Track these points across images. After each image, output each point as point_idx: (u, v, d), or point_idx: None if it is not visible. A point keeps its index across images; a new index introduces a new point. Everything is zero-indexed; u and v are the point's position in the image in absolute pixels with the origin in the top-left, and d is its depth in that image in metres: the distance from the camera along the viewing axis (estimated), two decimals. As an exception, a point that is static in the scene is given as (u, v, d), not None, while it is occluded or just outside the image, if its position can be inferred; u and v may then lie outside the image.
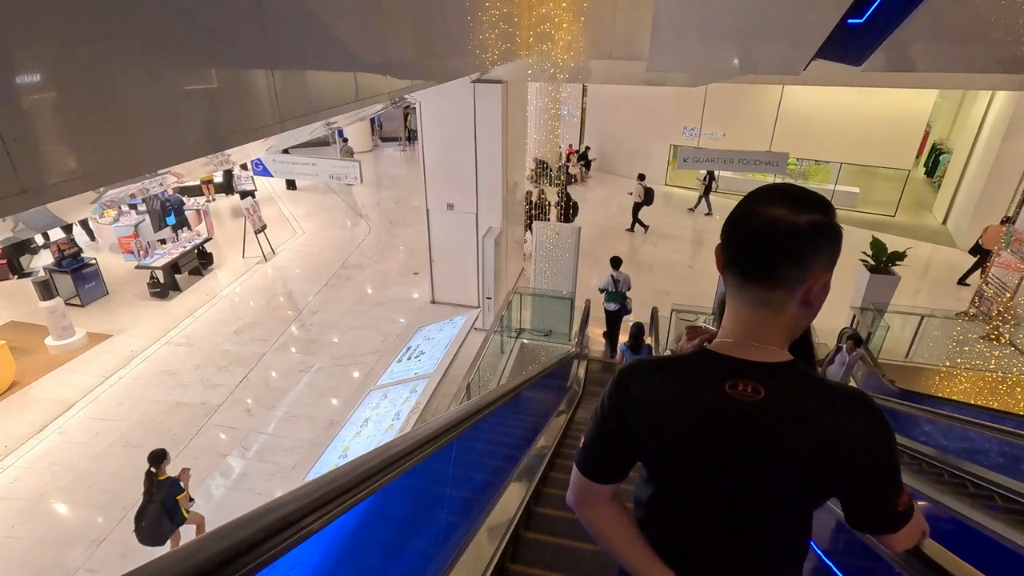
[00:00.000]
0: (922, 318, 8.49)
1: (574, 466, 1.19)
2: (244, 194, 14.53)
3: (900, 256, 8.48)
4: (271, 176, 8.12)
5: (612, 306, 8.78)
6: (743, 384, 1.00)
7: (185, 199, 13.06)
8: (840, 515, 1.09)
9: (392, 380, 7.06)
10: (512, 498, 3.42)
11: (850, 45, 4.85)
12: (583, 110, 20.80)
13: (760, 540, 1.09)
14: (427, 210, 9.64)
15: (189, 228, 11.58)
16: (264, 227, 12.15)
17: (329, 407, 7.68)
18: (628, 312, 8.93)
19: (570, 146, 18.78)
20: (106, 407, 7.58)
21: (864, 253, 8.88)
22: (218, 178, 15.73)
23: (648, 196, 13.66)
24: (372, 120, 23.59)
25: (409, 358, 7.57)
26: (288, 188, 17.05)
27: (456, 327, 7.82)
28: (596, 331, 9.82)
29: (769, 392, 0.99)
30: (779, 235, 0.97)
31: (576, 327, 9.05)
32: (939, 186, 16.92)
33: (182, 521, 4.95)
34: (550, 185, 15.02)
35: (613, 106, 19.00)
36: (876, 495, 1.03)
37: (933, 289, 11.25)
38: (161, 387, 8.00)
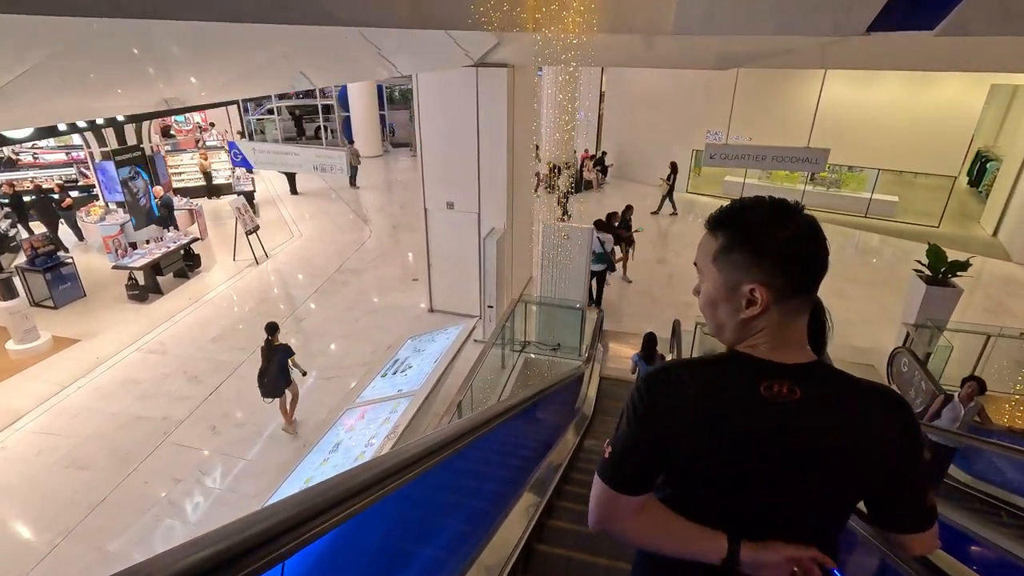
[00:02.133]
0: (988, 337, 7.34)
1: (597, 481, 1.12)
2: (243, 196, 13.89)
3: (963, 266, 7.36)
4: (251, 168, 7.37)
5: (599, 267, 9.16)
6: (778, 385, 1.00)
7: (178, 199, 12.43)
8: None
9: (372, 398, 6.15)
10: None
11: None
12: (600, 116, 19.96)
13: (799, 539, 1.04)
14: (425, 209, 8.79)
15: (175, 228, 10.85)
16: (256, 228, 11.42)
17: (305, 425, 6.80)
18: (613, 270, 9.60)
19: (585, 150, 17.89)
20: (57, 420, 6.79)
21: (919, 262, 7.78)
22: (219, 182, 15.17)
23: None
24: (383, 125, 23.04)
25: (395, 372, 6.66)
26: (292, 193, 16.43)
27: (449, 338, 6.92)
28: (611, 345, 8.83)
29: (805, 392, 0.99)
30: (820, 239, 1.02)
31: (588, 341, 8.08)
32: (986, 195, 15.65)
33: (289, 381, 6.58)
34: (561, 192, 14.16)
35: (632, 110, 18.12)
36: (909, 490, 1.04)
37: (989, 305, 10.04)
38: (122, 399, 7.19)
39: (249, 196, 14.13)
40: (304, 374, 6.87)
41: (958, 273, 7.46)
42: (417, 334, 7.55)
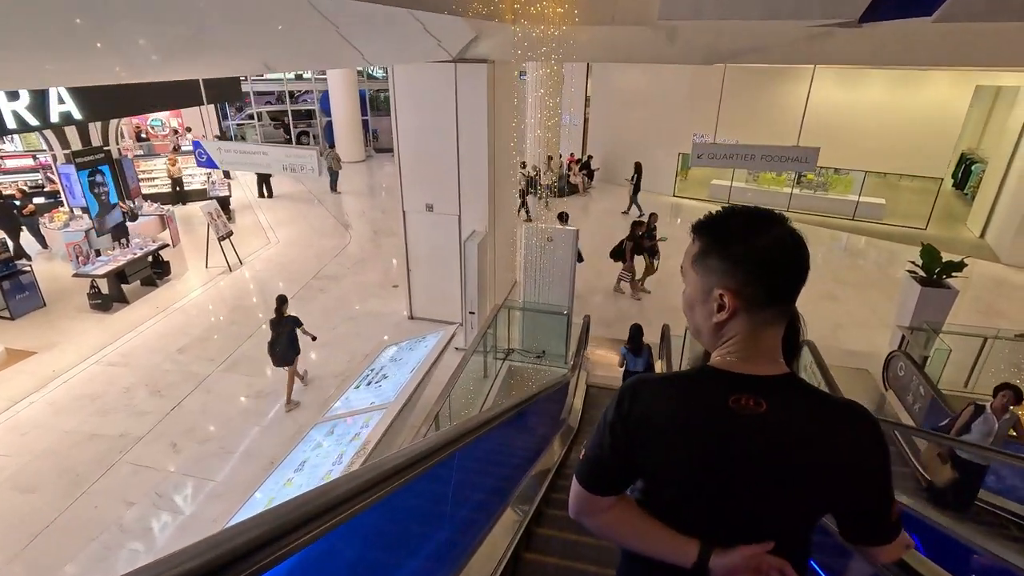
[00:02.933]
0: (985, 340, 7.13)
1: (574, 478, 1.16)
2: (216, 201, 13.43)
3: (958, 266, 7.15)
4: (216, 167, 6.97)
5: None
6: (746, 398, 1.00)
7: (148, 204, 11.95)
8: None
9: (343, 411, 5.76)
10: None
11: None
12: (585, 120, 19.77)
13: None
14: (403, 212, 8.44)
15: (127, 239, 10.23)
16: (229, 234, 10.99)
17: (273, 441, 6.37)
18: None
19: (571, 154, 17.66)
20: (5, 438, 6.30)
21: (912, 263, 7.57)
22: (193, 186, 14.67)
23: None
24: (366, 130, 22.67)
25: (369, 383, 6.27)
26: (260, 196, 16.00)
27: (427, 346, 6.55)
28: (598, 352, 8.51)
29: (771, 405, 1.00)
30: (803, 247, 1.02)
31: (574, 347, 7.75)
32: (971, 197, 15.63)
33: (299, 350, 6.94)
34: (538, 199, 13.90)
35: (618, 113, 17.94)
36: (875, 504, 1.05)
37: (981, 307, 9.88)
38: (78, 414, 6.72)
39: (224, 201, 13.67)
40: (314, 339, 7.23)
41: (953, 274, 7.25)
42: (395, 342, 7.18)
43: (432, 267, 8.68)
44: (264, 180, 16.07)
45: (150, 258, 10.06)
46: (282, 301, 6.94)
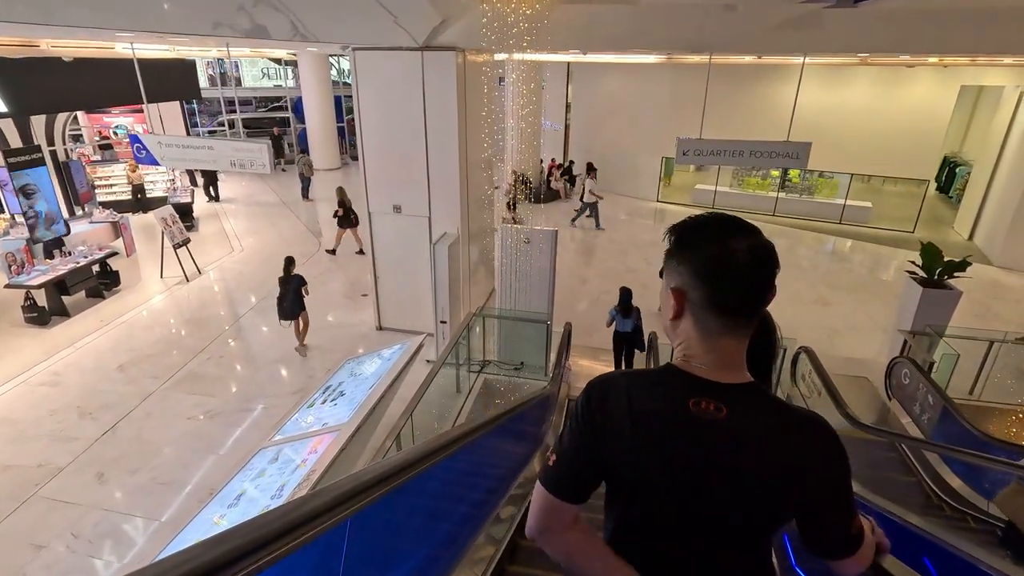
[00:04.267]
0: (991, 344, 6.67)
1: (538, 488, 1.14)
2: (177, 208, 12.66)
3: (961, 265, 6.71)
4: (156, 164, 6.30)
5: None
6: (706, 402, 1.01)
7: (98, 211, 11.16)
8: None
9: (292, 434, 5.07)
10: None
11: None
12: (567, 126, 19.36)
13: (722, 555, 1.09)
14: (368, 214, 7.80)
15: (61, 248, 9.38)
16: (186, 241, 10.24)
17: (213, 470, 5.65)
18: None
19: (552, 160, 17.19)
20: (-98, 472, 5.49)
21: (912, 263, 7.12)
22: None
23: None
24: (341, 137, 22.03)
25: (324, 401, 5.60)
26: (209, 200, 15.28)
27: (390, 359, 5.91)
28: (581, 363, 7.92)
29: (731, 411, 1.00)
30: (762, 266, 1.00)
31: (555, 358, 7.14)
32: (956, 200, 15.46)
33: (303, 306, 7.54)
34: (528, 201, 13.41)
35: (599, 119, 17.56)
36: (831, 517, 1.06)
37: (979, 311, 9.50)
38: (-7, 442, 5.93)
39: (185, 208, 12.92)
40: (306, 293, 7.68)
41: (955, 274, 6.81)
42: (356, 356, 6.51)
43: (401, 273, 8.05)
44: (211, 180, 15.33)
45: (96, 267, 9.28)
46: (289, 262, 7.60)
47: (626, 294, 6.81)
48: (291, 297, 7.54)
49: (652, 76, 15.58)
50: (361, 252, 10.19)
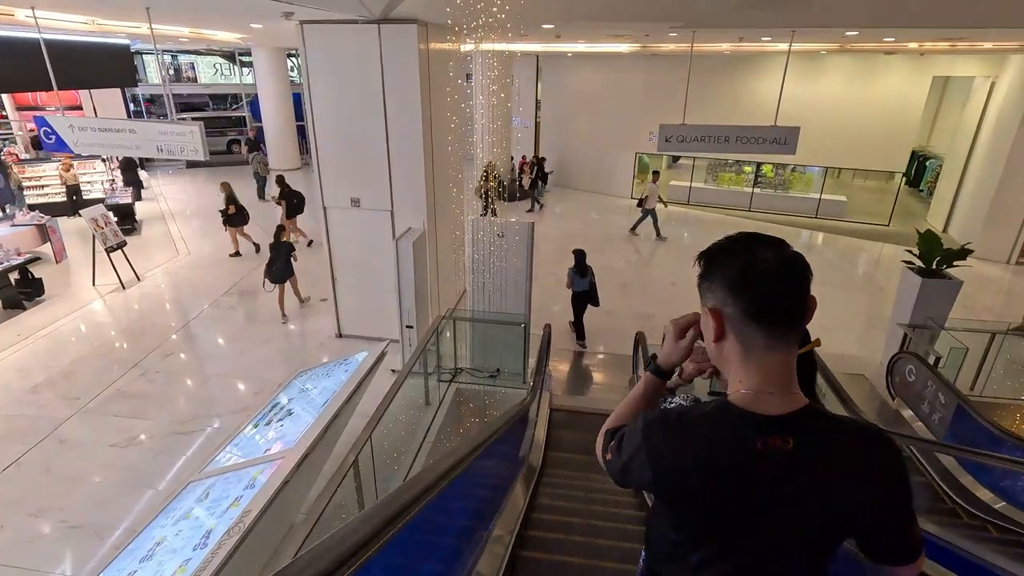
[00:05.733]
0: (992, 336, 6.31)
1: (601, 444, 1.27)
2: (117, 210, 11.58)
3: (961, 253, 6.34)
4: (68, 151, 5.43)
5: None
6: (772, 439, 1.00)
7: (21, 213, 10.02)
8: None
9: (227, 464, 4.28)
10: None
11: None
12: (537, 123, 18.82)
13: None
14: (323, 208, 7.02)
15: None
16: (121, 244, 9.23)
17: (136, 507, 4.79)
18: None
19: (524, 157, 16.59)
20: None
21: (909, 251, 6.73)
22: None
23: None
24: (301, 136, 20.99)
25: (270, 422, 4.81)
26: (130, 193, 14.11)
27: (348, 370, 5.16)
28: (561, 368, 7.29)
29: (797, 442, 1.00)
30: (797, 272, 1.01)
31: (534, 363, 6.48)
32: (927, 194, 15.48)
33: (292, 272, 8.12)
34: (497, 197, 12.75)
35: (570, 116, 17.07)
36: (896, 526, 1.06)
37: (966, 303, 9.25)
38: None
39: (126, 210, 11.83)
40: (295, 260, 8.20)
41: (955, 263, 6.43)
42: (308, 367, 5.73)
43: (362, 274, 7.28)
44: (130, 170, 14.08)
45: (16, 275, 8.22)
46: (280, 229, 8.17)
47: (581, 255, 7.29)
48: (281, 261, 7.86)
49: (625, 69, 15.16)
50: (236, 253, 9.17)
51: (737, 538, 1.06)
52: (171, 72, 25.83)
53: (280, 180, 10.81)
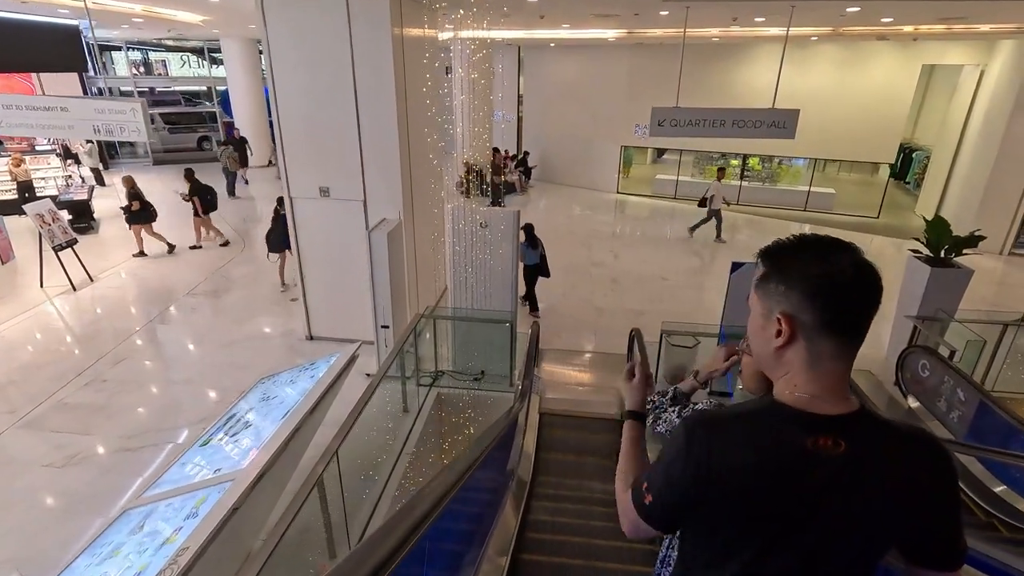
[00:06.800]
0: (1004, 327, 5.97)
1: (632, 504, 1.16)
2: (72, 206, 10.81)
3: (973, 240, 5.99)
4: (-9, 131, 4.79)
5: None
6: (824, 439, 0.98)
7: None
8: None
9: (170, 488, 3.70)
10: None
11: None
12: (519, 118, 18.33)
13: None
14: (289, 199, 6.44)
15: None
16: (72, 242, 8.52)
17: (70, 540, 4.18)
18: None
19: (506, 151, 16.08)
20: None
21: (917, 239, 6.38)
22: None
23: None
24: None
25: (224, 436, 4.24)
26: (98, 182, 13.34)
27: (315, 375, 4.60)
28: (550, 369, 6.80)
29: (850, 444, 0.98)
30: (872, 281, 0.98)
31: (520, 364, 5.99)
32: (914, 186, 15.35)
33: (289, 244, 7.07)
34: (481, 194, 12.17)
35: (553, 108, 16.61)
36: (945, 531, 1.04)
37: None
38: None
39: (81, 207, 11.05)
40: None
41: (964, 251, 6.08)
42: (273, 374, 5.15)
43: (333, 270, 6.72)
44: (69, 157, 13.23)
45: (-50, 277, 7.47)
46: (280, 202, 7.61)
47: (529, 228, 7.40)
48: (279, 231, 7.80)
49: (609, 59, 14.75)
50: (141, 253, 8.99)
51: (781, 543, 1.02)
52: (140, 70, 24.93)
53: (189, 175, 10.09)
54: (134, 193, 9.53)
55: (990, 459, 4.33)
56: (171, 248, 10.15)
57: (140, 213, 9.58)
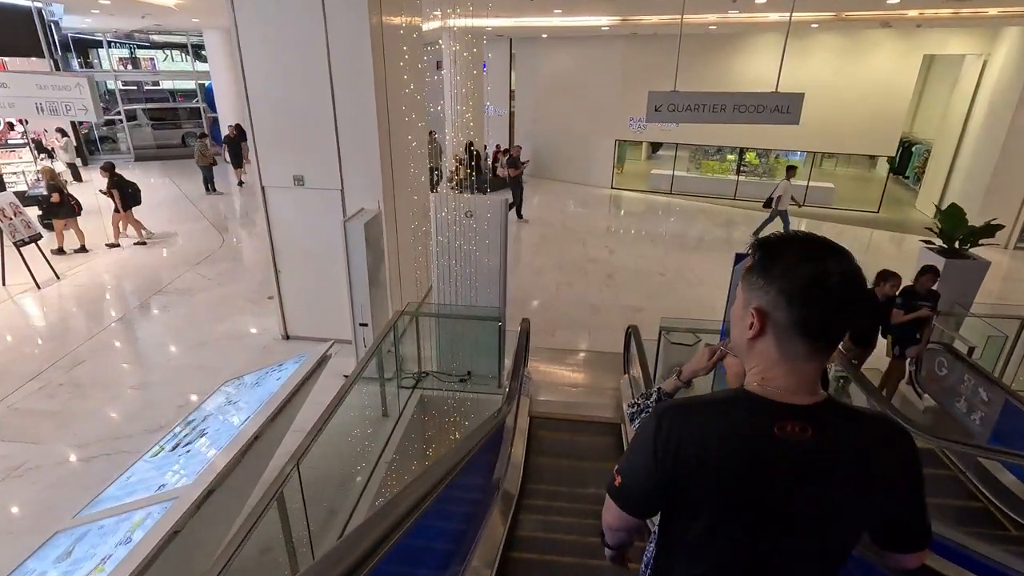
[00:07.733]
0: (1023, 322, 5.62)
1: (609, 498, 1.16)
2: (40, 202, 10.31)
3: (990, 230, 5.64)
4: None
5: None
6: (791, 425, 0.99)
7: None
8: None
9: (109, 506, 3.28)
10: None
11: None
12: (511, 113, 17.94)
13: (808, 573, 1.09)
14: (262, 189, 6.01)
15: None
16: (36, 237, 8.04)
17: (9, 559, 3.72)
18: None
19: (497, 146, 15.70)
20: None
21: (929, 230, 6.03)
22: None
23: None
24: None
25: (176, 446, 3.82)
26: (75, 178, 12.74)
27: (281, 377, 4.19)
28: (542, 369, 6.40)
29: (816, 430, 0.99)
30: (855, 292, 0.97)
31: (509, 365, 5.58)
32: (914, 180, 15.06)
33: None
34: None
35: (546, 103, 16.23)
36: (912, 514, 1.07)
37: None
38: None
39: (44, 201, 10.54)
40: None
41: (980, 242, 5.74)
42: (236, 376, 4.72)
43: (309, 265, 6.29)
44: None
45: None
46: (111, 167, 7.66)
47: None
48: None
49: (603, 51, 14.38)
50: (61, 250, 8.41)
51: (752, 530, 1.03)
52: (127, 66, 24.41)
53: (109, 168, 9.55)
54: (53, 185, 9.01)
55: (1021, 467, 3.96)
56: (83, 247, 9.56)
57: (58, 207, 8.99)
